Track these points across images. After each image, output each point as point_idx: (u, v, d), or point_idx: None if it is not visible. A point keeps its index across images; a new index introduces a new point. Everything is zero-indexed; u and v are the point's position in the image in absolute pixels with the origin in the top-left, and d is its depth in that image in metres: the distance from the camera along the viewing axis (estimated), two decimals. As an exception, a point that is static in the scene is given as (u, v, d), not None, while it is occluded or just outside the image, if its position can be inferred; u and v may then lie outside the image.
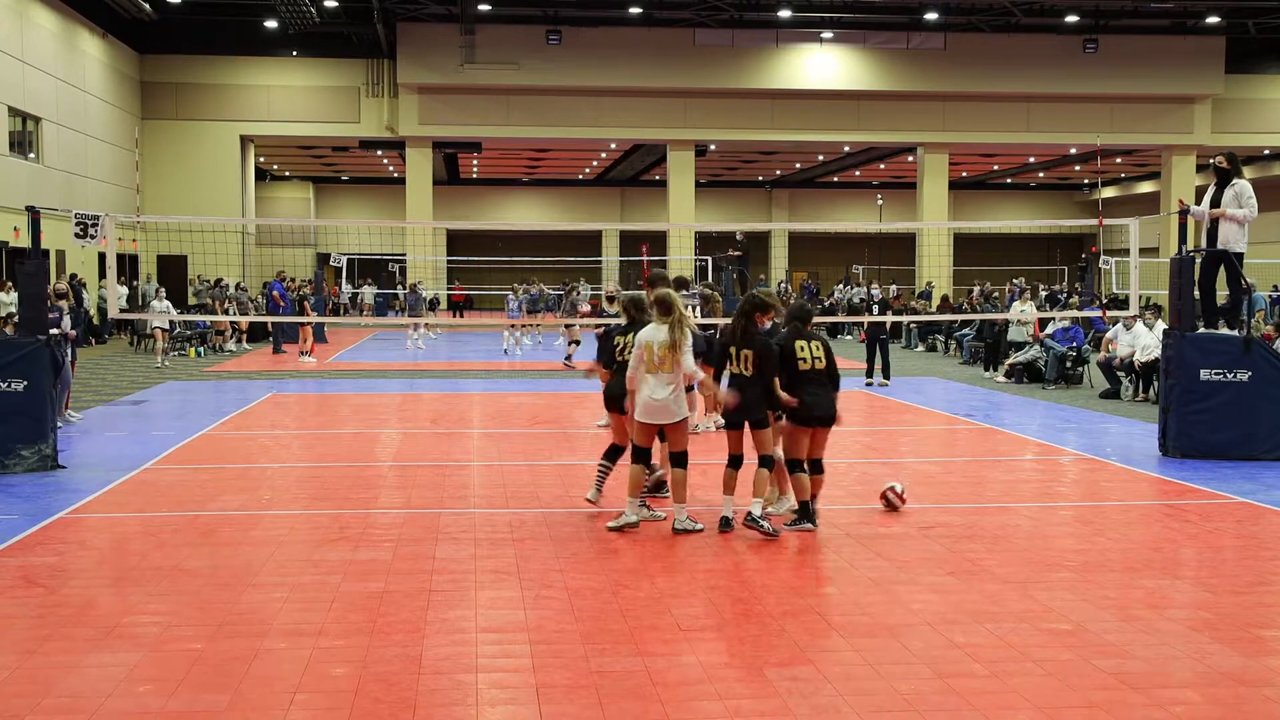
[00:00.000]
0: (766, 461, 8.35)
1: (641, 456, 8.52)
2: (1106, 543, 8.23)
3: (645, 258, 48.53)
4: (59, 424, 13.70)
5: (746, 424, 8.35)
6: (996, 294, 31.50)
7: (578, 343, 22.45)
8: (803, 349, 8.43)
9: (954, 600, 6.78)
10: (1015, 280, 27.17)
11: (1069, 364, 19.39)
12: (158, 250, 35.60)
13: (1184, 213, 12.11)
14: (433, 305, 38.41)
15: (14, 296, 23.87)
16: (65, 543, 8.15)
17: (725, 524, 8.38)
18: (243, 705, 5.12)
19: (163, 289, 26.63)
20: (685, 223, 38.63)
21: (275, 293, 26.53)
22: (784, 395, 8.26)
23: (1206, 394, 11.57)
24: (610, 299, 15.60)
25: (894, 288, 30.79)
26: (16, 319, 12.19)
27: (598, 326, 13.77)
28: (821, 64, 37.67)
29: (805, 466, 8.43)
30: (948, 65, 37.64)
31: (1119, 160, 49.15)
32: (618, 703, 5.17)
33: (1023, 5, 34.76)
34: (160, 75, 37.17)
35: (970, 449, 12.68)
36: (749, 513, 8.24)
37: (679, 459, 8.43)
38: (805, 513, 8.44)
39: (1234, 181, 11.95)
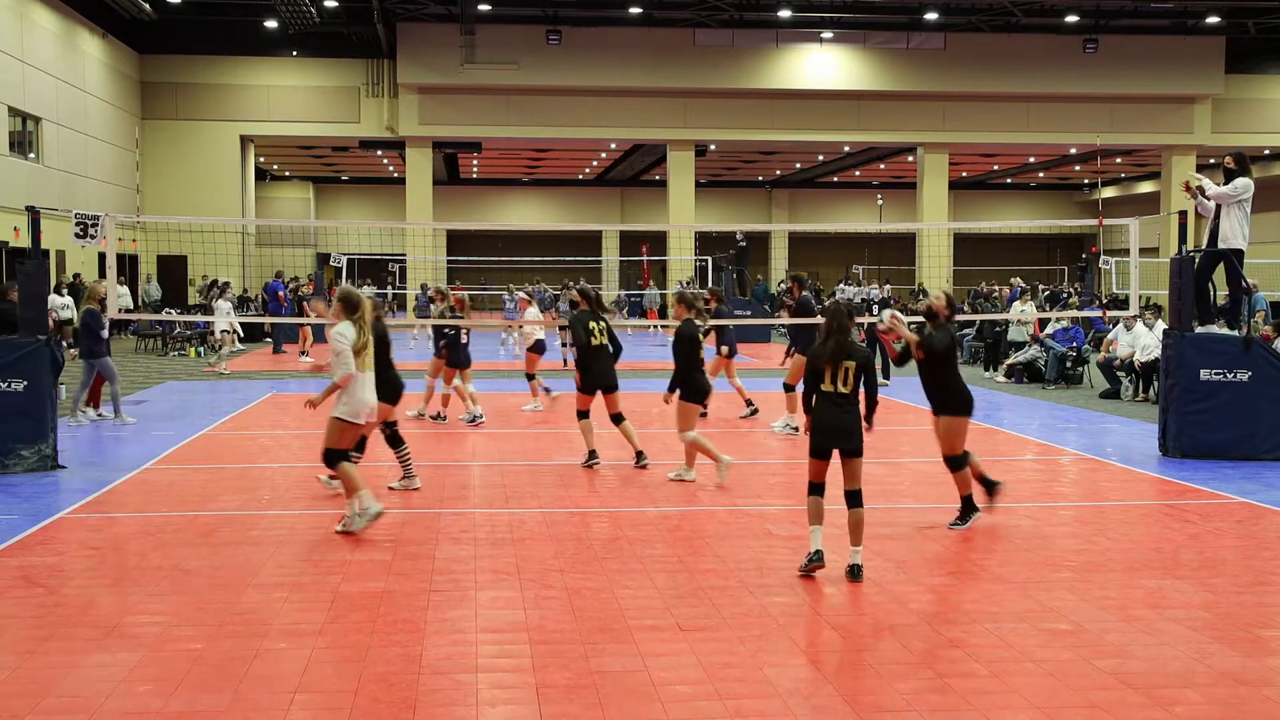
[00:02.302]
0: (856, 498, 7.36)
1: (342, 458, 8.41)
2: (1106, 543, 8.23)
3: (645, 258, 48.55)
4: (96, 416, 13.99)
5: (837, 451, 7.26)
6: (996, 294, 31.49)
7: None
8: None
9: (954, 600, 6.78)
10: (1014, 280, 27.17)
11: (1069, 364, 19.40)
12: (158, 250, 35.65)
13: (1194, 191, 11.95)
14: None
15: (67, 299, 23.77)
16: (65, 543, 8.15)
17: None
18: (243, 705, 5.12)
19: (229, 287, 26.09)
20: (685, 223, 38.64)
21: (280, 293, 26.48)
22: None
23: (1206, 394, 11.58)
24: (441, 296, 14.60)
25: (888, 287, 30.78)
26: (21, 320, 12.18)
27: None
28: (821, 64, 37.66)
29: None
30: (948, 65, 37.64)
31: (1119, 160, 49.14)
32: (618, 703, 5.17)
33: (1023, 5, 34.75)
34: (160, 75, 37.18)
35: (970, 449, 12.63)
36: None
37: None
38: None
39: (1239, 179, 11.94)
